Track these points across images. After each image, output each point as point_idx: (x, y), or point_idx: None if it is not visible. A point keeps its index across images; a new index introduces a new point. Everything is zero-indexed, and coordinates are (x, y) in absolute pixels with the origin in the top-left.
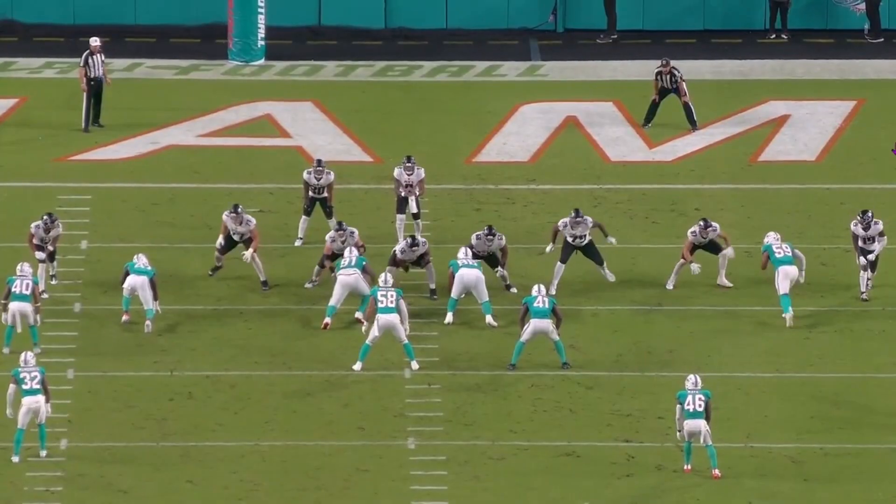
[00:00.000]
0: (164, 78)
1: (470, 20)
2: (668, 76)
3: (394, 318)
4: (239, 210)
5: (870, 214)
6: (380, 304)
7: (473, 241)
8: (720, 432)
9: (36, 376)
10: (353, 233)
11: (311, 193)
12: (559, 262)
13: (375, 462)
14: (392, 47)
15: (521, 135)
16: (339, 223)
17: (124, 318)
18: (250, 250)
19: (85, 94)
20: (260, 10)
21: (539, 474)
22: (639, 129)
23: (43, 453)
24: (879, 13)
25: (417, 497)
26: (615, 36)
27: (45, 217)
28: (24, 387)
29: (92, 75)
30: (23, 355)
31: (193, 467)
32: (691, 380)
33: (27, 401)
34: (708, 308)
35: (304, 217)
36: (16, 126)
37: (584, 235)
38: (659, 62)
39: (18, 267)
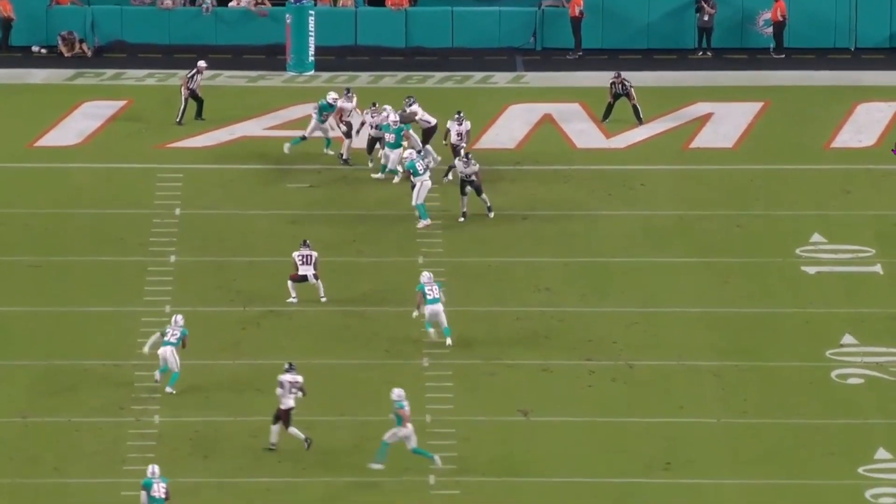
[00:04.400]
0: (238, 85)
1: (470, 41)
2: (620, 85)
3: (438, 307)
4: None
5: None
6: (428, 296)
7: (458, 163)
8: (658, 356)
9: (177, 333)
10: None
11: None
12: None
13: (398, 376)
14: (411, 61)
15: (509, 128)
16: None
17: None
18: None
19: (183, 98)
20: (310, 33)
21: (522, 386)
22: (599, 123)
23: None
24: (783, 36)
25: (431, 402)
26: (581, 53)
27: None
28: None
29: (191, 86)
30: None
31: (263, 380)
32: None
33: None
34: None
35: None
36: (125, 121)
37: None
38: (613, 74)
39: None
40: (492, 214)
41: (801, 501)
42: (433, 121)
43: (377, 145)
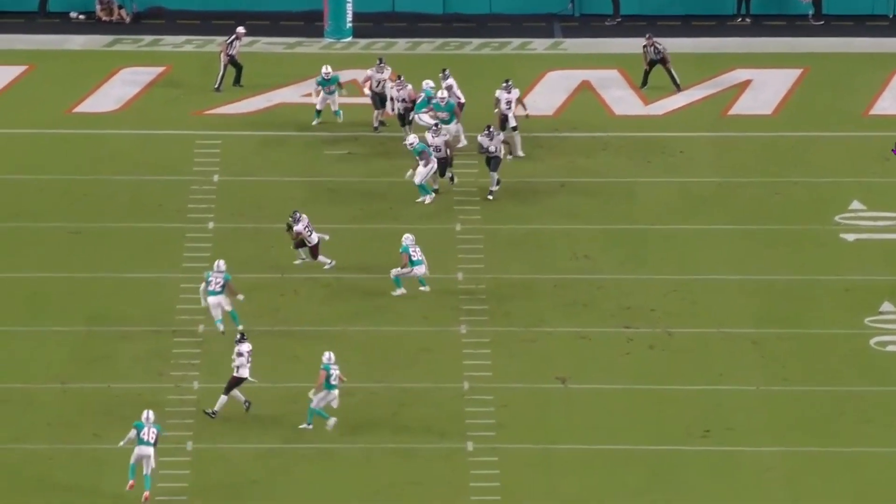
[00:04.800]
0: (275, 51)
1: (508, 7)
2: (653, 48)
3: (423, 267)
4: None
5: None
6: (413, 257)
7: (480, 138)
8: (697, 323)
9: (220, 280)
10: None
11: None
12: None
13: (436, 343)
14: (448, 28)
15: (547, 95)
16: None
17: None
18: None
19: (222, 64)
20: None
21: (559, 353)
22: (637, 90)
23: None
24: (822, 2)
25: (468, 369)
26: (619, 19)
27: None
28: (210, 288)
29: (230, 52)
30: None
31: (298, 345)
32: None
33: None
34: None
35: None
36: (163, 87)
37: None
38: (644, 38)
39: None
40: (492, 197)
41: (839, 469)
42: (463, 98)
43: (410, 115)
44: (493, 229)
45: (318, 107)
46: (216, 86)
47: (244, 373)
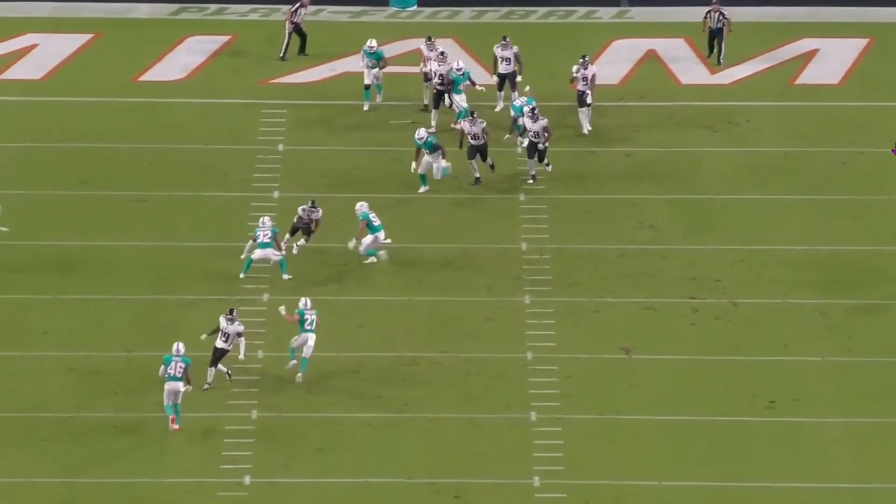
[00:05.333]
0: (340, 20)
1: None
2: (717, 14)
3: (381, 233)
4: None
5: None
6: (374, 223)
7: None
8: (763, 293)
9: (268, 232)
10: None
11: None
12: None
13: (500, 313)
14: None
15: (613, 64)
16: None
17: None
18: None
19: (287, 32)
20: None
21: (624, 324)
22: (703, 58)
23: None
24: None
25: (532, 340)
26: None
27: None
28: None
29: (294, 20)
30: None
31: (361, 314)
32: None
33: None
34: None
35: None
36: (228, 56)
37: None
38: (711, 5)
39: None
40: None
41: None
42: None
43: (443, 98)
44: (557, 199)
45: (365, 81)
46: (281, 54)
47: (226, 347)
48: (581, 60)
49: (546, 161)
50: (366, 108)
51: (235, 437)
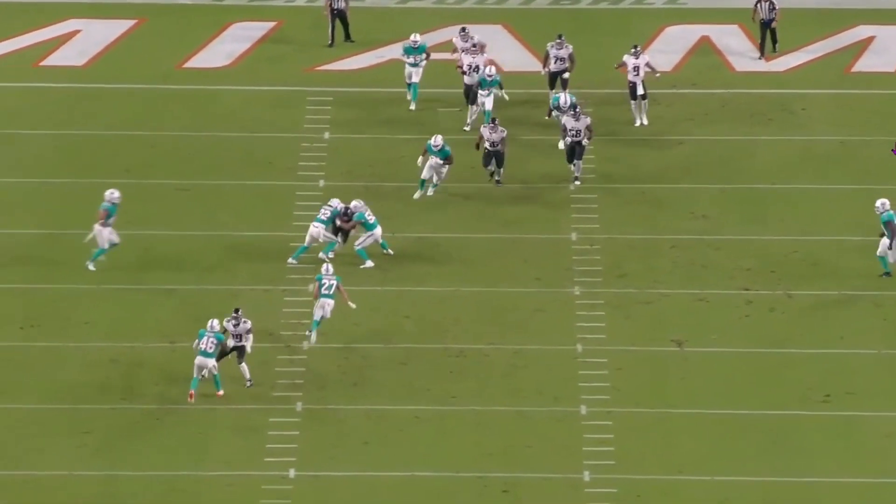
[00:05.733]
0: (387, 6)
1: None
2: (767, 4)
3: (380, 229)
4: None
5: None
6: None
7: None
8: (818, 285)
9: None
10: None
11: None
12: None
13: (549, 305)
14: None
15: (665, 51)
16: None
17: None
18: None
19: (329, 19)
20: None
21: (676, 315)
22: (758, 45)
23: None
24: None
25: (582, 332)
26: None
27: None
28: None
29: (334, 6)
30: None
31: (408, 306)
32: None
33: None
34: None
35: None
36: (274, 43)
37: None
38: None
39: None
40: (579, 183)
41: None
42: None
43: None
44: (607, 188)
45: (407, 80)
46: (329, 42)
47: (234, 342)
48: (633, 50)
49: (579, 173)
50: (412, 106)
51: (280, 430)
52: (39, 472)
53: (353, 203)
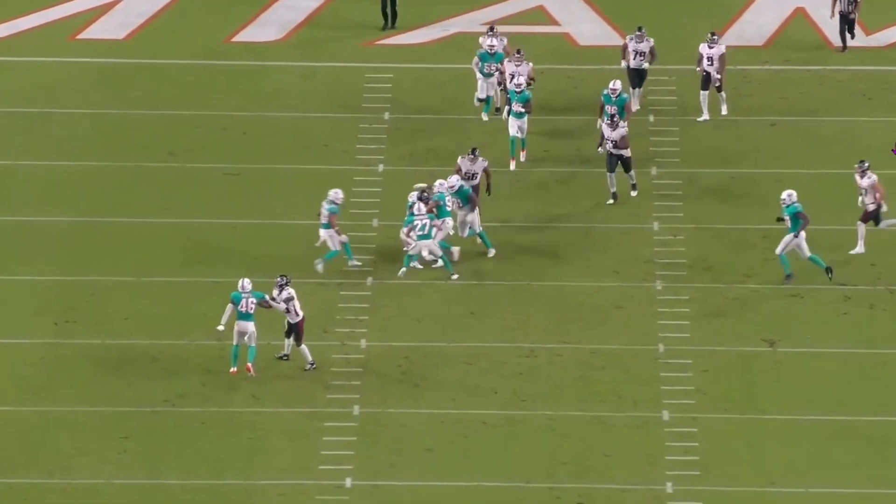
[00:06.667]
0: None
1: None
2: None
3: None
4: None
5: None
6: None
7: (604, 128)
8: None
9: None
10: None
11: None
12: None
13: (628, 301)
14: None
15: (757, 23)
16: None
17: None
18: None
19: None
20: None
21: (768, 311)
22: (839, 37)
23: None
24: None
25: (664, 330)
26: None
27: None
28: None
29: None
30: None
31: (477, 302)
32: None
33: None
34: None
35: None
36: (329, 14)
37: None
38: None
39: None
40: (634, 193)
41: None
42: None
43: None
44: (693, 174)
45: (480, 95)
46: (383, 26)
47: (293, 318)
48: (709, 37)
49: (633, 181)
50: (485, 118)
51: (336, 435)
52: (75, 479)
53: (451, 178)
